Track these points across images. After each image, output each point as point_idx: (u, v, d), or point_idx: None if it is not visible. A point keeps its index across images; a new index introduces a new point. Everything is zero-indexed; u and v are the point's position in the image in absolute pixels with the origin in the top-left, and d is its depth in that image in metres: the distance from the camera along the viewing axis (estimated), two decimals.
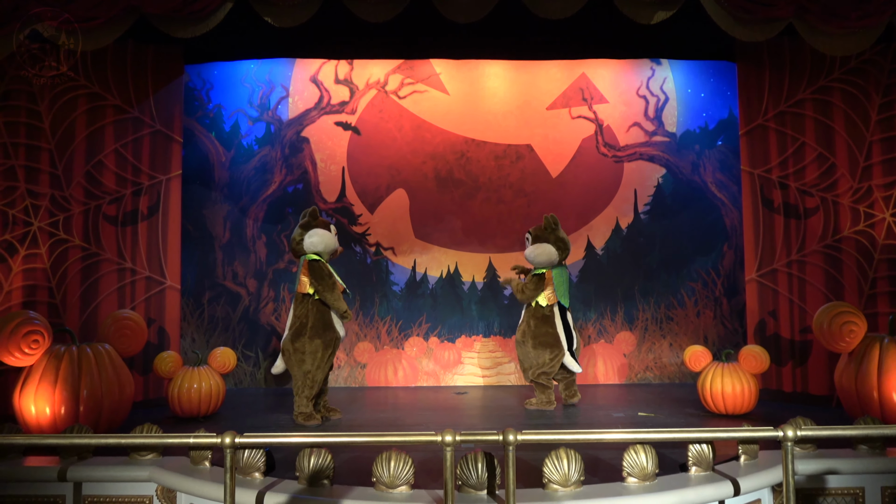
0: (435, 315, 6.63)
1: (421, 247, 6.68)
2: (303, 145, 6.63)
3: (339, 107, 6.67)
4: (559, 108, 6.76)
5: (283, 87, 6.64)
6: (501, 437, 2.80)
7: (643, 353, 6.62)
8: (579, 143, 6.73)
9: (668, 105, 6.75)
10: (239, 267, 6.53)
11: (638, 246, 6.71)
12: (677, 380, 6.59)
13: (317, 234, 4.77)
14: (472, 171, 6.71)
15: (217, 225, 6.54)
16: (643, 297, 6.65)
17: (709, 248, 6.69)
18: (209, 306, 6.47)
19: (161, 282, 5.72)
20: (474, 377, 6.59)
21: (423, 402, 5.69)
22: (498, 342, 6.63)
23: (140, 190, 5.65)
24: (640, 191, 6.73)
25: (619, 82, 6.77)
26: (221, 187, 6.55)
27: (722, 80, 6.67)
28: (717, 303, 6.64)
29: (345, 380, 6.52)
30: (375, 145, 6.67)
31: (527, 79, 6.76)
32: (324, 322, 4.67)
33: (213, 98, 6.59)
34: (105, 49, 5.21)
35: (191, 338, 6.40)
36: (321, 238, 4.76)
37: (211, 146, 6.56)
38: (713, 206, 6.69)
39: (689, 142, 6.72)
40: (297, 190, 6.62)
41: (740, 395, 4.81)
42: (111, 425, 4.47)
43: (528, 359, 5.19)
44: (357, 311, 6.54)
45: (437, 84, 6.72)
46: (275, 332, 6.43)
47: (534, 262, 5.23)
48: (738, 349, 5.19)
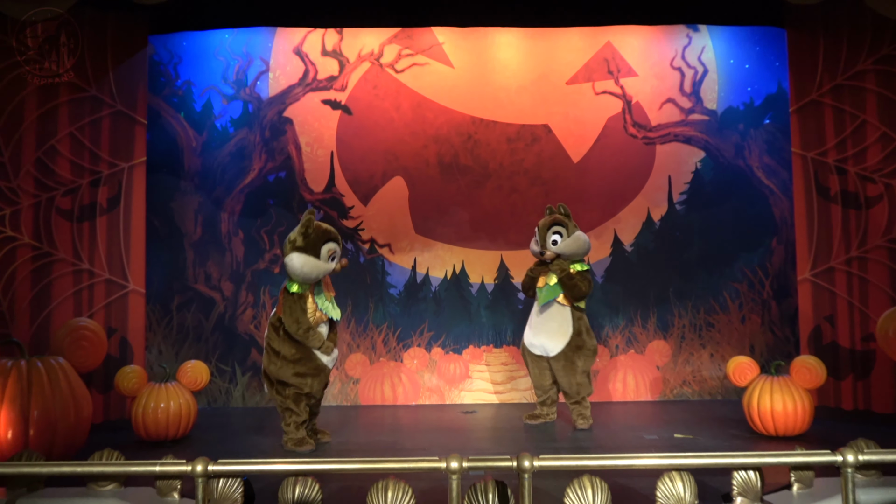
0: (438, 322, 6.62)
1: (422, 243, 6.67)
2: (285, 127, 6.63)
3: (327, 83, 6.66)
4: (581, 83, 6.74)
5: (263, 61, 6.64)
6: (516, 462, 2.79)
7: (679, 366, 6.60)
8: (604, 123, 6.71)
9: (707, 78, 6.72)
10: (213, 268, 6.54)
11: (673, 241, 6.68)
12: (719, 396, 6.57)
13: (297, 259, 4.51)
14: (481, 155, 6.70)
15: (187, 219, 6.55)
16: (679, 300, 6.63)
17: (755, 244, 6.66)
18: (178, 313, 6.48)
19: (123, 285, 5.72)
20: (484, 393, 6.58)
21: (425, 423, 5.69)
22: (511, 353, 6.62)
23: (98, 180, 5.66)
24: (675, 177, 6.71)
25: (650, 52, 6.75)
26: (192, 176, 6.56)
27: (769, 49, 6.64)
28: (765, 307, 6.62)
29: (335, 397, 6.52)
30: (369, 127, 6.67)
31: (543, 49, 6.74)
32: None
33: (182, 73, 6.60)
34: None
35: (157, 350, 6.42)
36: (300, 266, 4.51)
37: (180, 129, 6.56)
38: (760, 194, 6.66)
39: (732, 120, 6.70)
40: (280, 179, 6.62)
41: (792, 413, 4.79)
42: (66, 451, 4.48)
43: (576, 375, 5.20)
44: (349, 317, 6.54)
45: (439, 55, 6.71)
46: (254, 342, 6.44)
47: (576, 255, 5.27)
48: (789, 360, 5.17)
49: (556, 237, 5.25)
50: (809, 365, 4.93)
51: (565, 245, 5.23)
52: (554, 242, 5.27)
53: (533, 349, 5.40)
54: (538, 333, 5.35)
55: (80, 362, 4.73)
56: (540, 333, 5.34)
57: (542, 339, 5.32)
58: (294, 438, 4.69)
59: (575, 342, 5.23)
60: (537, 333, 5.36)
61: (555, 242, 5.27)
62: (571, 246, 5.23)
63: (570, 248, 5.24)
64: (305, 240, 4.55)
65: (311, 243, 4.55)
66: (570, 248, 5.23)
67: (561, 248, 5.23)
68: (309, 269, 4.53)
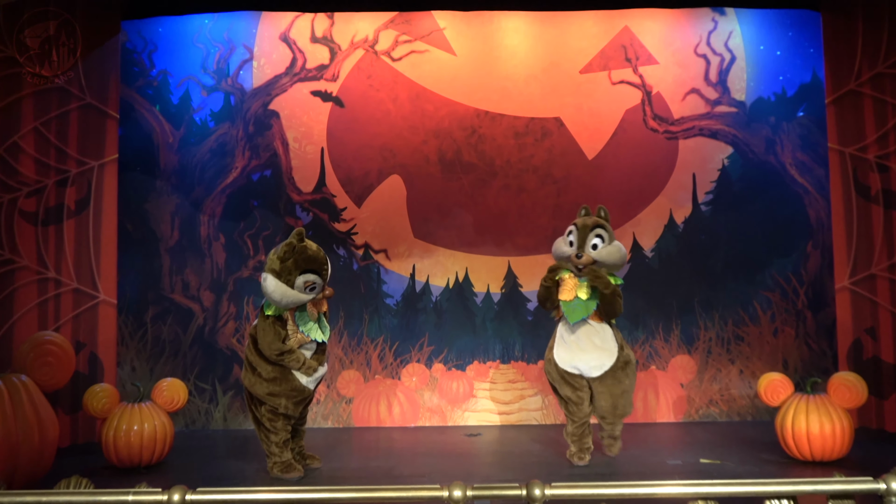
0: (440, 336, 6.62)
1: (421, 248, 6.67)
2: (271, 121, 6.64)
3: (317, 72, 6.68)
4: (596, 72, 6.74)
5: (246, 48, 6.65)
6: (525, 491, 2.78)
7: (706, 383, 6.59)
8: (622, 116, 6.71)
9: (734, 66, 6.72)
10: (191, 276, 6.54)
11: (698, 246, 6.68)
12: (749, 417, 6.55)
13: (271, 283, 4.51)
14: (486, 151, 6.70)
15: (163, 222, 6.55)
16: (705, 311, 6.62)
17: (788, 248, 6.66)
18: (153, 326, 6.48)
19: (93, 295, 5.72)
20: (490, 414, 6.57)
21: (424, 447, 5.68)
22: (520, 370, 6.61)
23: (66, 179, 5.66)
24: (699, 175, 6.71)
25: (672, 38, 6.75)
26: (169, 175, 6.56)
27: (803, 35, 6.64)
28: (799, 318, 6.60)
29: (325, 418, 6.51)
30: (363, 120, 6.67)
31: (554, 34, 6.75)
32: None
33: (158, 62, 6.61)
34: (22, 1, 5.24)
35: (130, 366, 6.41)
36: (272, 290, 4.50)
37: (155, 123, 6.57)
38: (793, 194, 6.66)
39: (763, 113, 6.69)
40: (265, 178, 6.63)
41: (830, 435, 4.78)
42: (30, 478, 4.47)
43: (623, 395, 5.06)
44: (340, 330, 6.53)
45: (440, 42, 6.72)
46: (236, 357, 6.44)
47: (614, 267, 5.06)
48: (826, 377, 5.16)
49: (598, 241, 4.98)
50: (849, 382, 4.91)
51: (607, 252, 4.97)
52: (594, 247, 4.97)
53: (568, 367, 5.06)
54: (577, 352, 5.03)
55: (45, 380, 4.72)
56: (580, 352, 5.03)
57: (586, 357, 5.01)
58: (280, 463, 4.69)
59: (622, 358, 5.03)
60: (576, 352, 5.03)
61: (595, 247, 4.97)
62: (614, 255, 4.98)
63: (612, 258, 4.99)
64: (282, 265, 4.51)
65: (286, 270, 4.51)
66: (613, 257, 4.98)
67: (602, 256, 4.96)
68: (279, 295, 4.52)
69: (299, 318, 4.69)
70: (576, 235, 5.01)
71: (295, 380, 4.68)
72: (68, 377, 4.89)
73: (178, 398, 5.18)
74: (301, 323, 4.68)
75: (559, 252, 5.10)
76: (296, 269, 4.51)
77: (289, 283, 4.51)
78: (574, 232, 5.03)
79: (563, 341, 5.10)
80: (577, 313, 4.99)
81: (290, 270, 4.50)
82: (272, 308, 4.62)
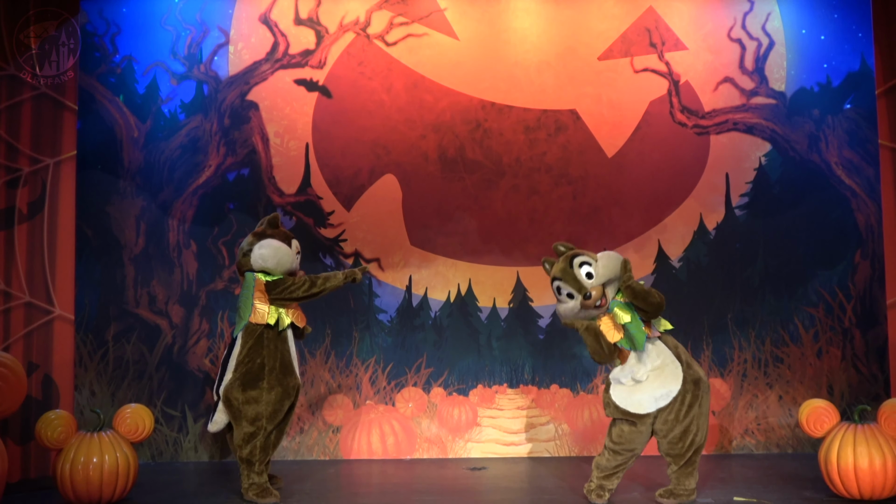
0: (439, 356, 6.63)
1: (419, 257, 6.69)
2: (249, 113, 6.66)
3: (301, 58, 6.70)
4: (617, 58, 6.77)
5: (222, 31, 6.68)
6: None
7: (741, 411, 6.60)
8: (646, 108, 6.74)
9: (773, 52, 6.75)
10: (158, 288, 6.55)
11: (732, 255, 6.69)
12: (790, 449, 6.56)
13: (268, 246, 5.01)
14: (493, 148, 6.72)
15: (127, 228, 6.56)
16: (740, 328, 6.63)
17: (835, 258, 6.67)
18: (115, 345, 6.48)
19: (47, 310, 5.72)
20: (496, 445, 6.58)
21: (422, 482, 5.68)
22: (531, 395, 6.62)
23: (17, 179, 5.67)
24: (734, 176, 6.73)
25: (702, 20, 6.78)
26: (133, 174, 6.57)
27: (850, 17, 6.67)
28: (846, 337, 6.61)
29: (310, 449, 6.52)
30: (353, 113, 6.70)
31: (570, 16, 6.78)
32: (284, 364, 5.01)
33: (122, 47, 6.62)
34: None
35: (89, 390, 6.42)
36: (273, 251, 5.01)
37: (118, 115, 6.59)
38: (840, 196, 6.67)
39: (805, 105, 6.72)
40: (242, 177, 6.64)
41: (881, 470, 4.77)
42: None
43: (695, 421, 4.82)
44: (327, 350, 6.54)
45: (441, 25, 6.75)
46: (209, 380, 6.44)
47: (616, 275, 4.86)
48: (877, 404, 5.15)
49: (587, 268, 4.82)
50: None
51: (603, 268, 4.80)
52: (589, 275, 4.80)
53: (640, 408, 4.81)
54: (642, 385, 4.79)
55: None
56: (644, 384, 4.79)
57: (650, 388, 4.79)
58: (257, 485, 4.87)
59: (690, 375, 4.80)
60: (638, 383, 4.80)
61: (590, 275, 4.80)
62: (608, 265, 4.82)
63: (609, 269, 4.82)
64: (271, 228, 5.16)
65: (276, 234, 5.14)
66: (608, 268, 4.81)
67: (601, 275, 4.79)
68: (282, 254, 5.05)
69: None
70: (564, 286, 4.86)
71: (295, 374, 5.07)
72: (19, 403, 4.89)
73: (142, 426, 5.17)
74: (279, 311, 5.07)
75: (568, 313, 4.92)
76: (285, 237, 5.14)
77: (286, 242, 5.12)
78: (560, 284, 4.88)
79: (618, 383, 4.87)
80: (639, 336, 4.76)
81: (286, 235, 5.18)
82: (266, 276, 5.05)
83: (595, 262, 4.82)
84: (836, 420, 5.03)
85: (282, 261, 5.02)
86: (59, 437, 5.01)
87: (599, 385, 6.58)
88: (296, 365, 5.11)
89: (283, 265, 5.03)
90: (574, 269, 4.82)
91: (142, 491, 5.29)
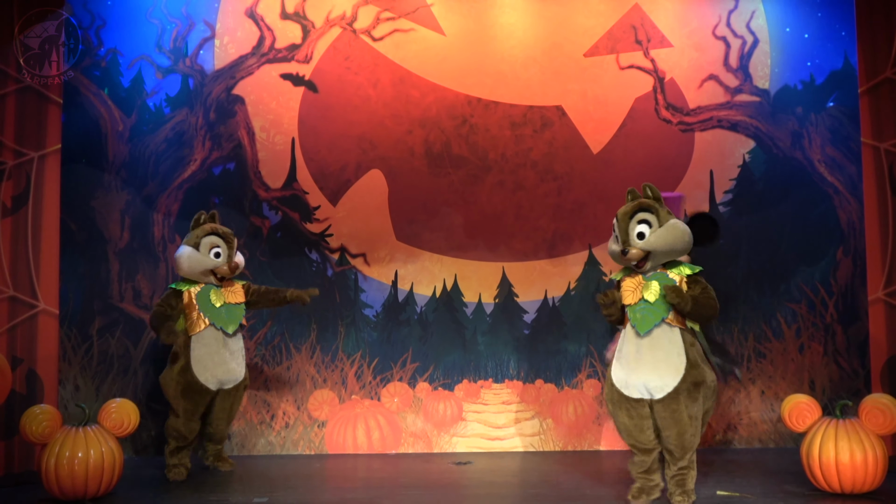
0: (425, 351, 6.65)
1: (405, 252, 6.70)
2: (235, 107, 6.65)
3: (288, 52, 6.69)
4: (602, 55, 6.79)
5: (207, 25, 6.66)
6: None
7: (723, 406, 6.64)
8: (631, 105, 6.77)
9: (757, 50, 6.79)
10: (143, 282, 6.53)
11: (715, 251, 6.72)
12: (772, 443, 6.61)
13: (180, 249, 5.55)
14: (479, 143, 6.74)
15: (112, 222, 6.54)
16: (723, 324, 6.66)
17: (817, 255, 6.72)
18: (100, 339, 6.46)
19: (31, 304, 5.70)
20: (482, 440, 6.60)
21: (407, 477, 5.69)
22: (515, 389, 6.65)
23: (1, 173, 5.64)
24: (718, 172, 6.77)
25: (688, 18, 6.82)
26: (118, 168, 6.55)
27: (834, 16, 6.71)
28: (828, 333, 6.66)
29: (295, 444, 6.52)
30: (339, 107, 6.69)
31: (556, 13, 6.80)
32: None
33: (107, 40, 6.59)
34: None
35: (74, 385, 6.40)
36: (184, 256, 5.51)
37: (103, 109, 6.56)
38: (823, 194, 6.72)
39: (789, 102, 6.76)
40: (227, 171, 6.63)
41: (862, 465, 4.82)
42: None
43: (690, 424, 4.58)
44: (313, 345, 6.54)
45: (427, 20, 6.75)
46: None
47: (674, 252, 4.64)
48: (858, 399, 5.20)
49: (644, 227, 4.55)
50: (883, 405, 4.95)
51: (657, 238, 4.53)
52: (640, 235, 4.54)
53: (628, 390, 4.67)
54: (636, 368, 4.61)
55: None
56: (639, 368, 4.60)
57: (644, 374, 4.59)
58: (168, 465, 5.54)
59: (691, 376, 4.55)
60: (635, 368, 4.61)
61: (641, 235, 4.54)
62: (666, 238, 4.53)
63: (666, 242, 4.53)
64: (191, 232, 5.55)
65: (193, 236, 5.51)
66: (665, 240, 4.52)
67: (651, 243, 4.53)
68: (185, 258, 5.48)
69: (200, 300, 5.50)
70: (616, 228, 4.63)
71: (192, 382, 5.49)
72: (3, 397, 4.88)
73: (128, 421, 5.16)
74: (203, 307, 5.49)
75: (611, 252, 4.76)
76: (201, 233, 5.48)
77: (195, 247, 5.47)
78: (615, 224, 4.67)
79: (620, 355, 4.72)
80: (646, 321, 4.58)
81: (197, 235, 5.48)
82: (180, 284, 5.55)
83: (655, 227, 4.55)
84: (817, 415, 5.07)
85: (192, 267, 5.50)
86: (44, 432, 5.00)
87: (584, 380, 6.62)
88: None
89: (193, 270, 5.51)
90: (630, 221, 4.60)
91: (127, 485, 5.28)
